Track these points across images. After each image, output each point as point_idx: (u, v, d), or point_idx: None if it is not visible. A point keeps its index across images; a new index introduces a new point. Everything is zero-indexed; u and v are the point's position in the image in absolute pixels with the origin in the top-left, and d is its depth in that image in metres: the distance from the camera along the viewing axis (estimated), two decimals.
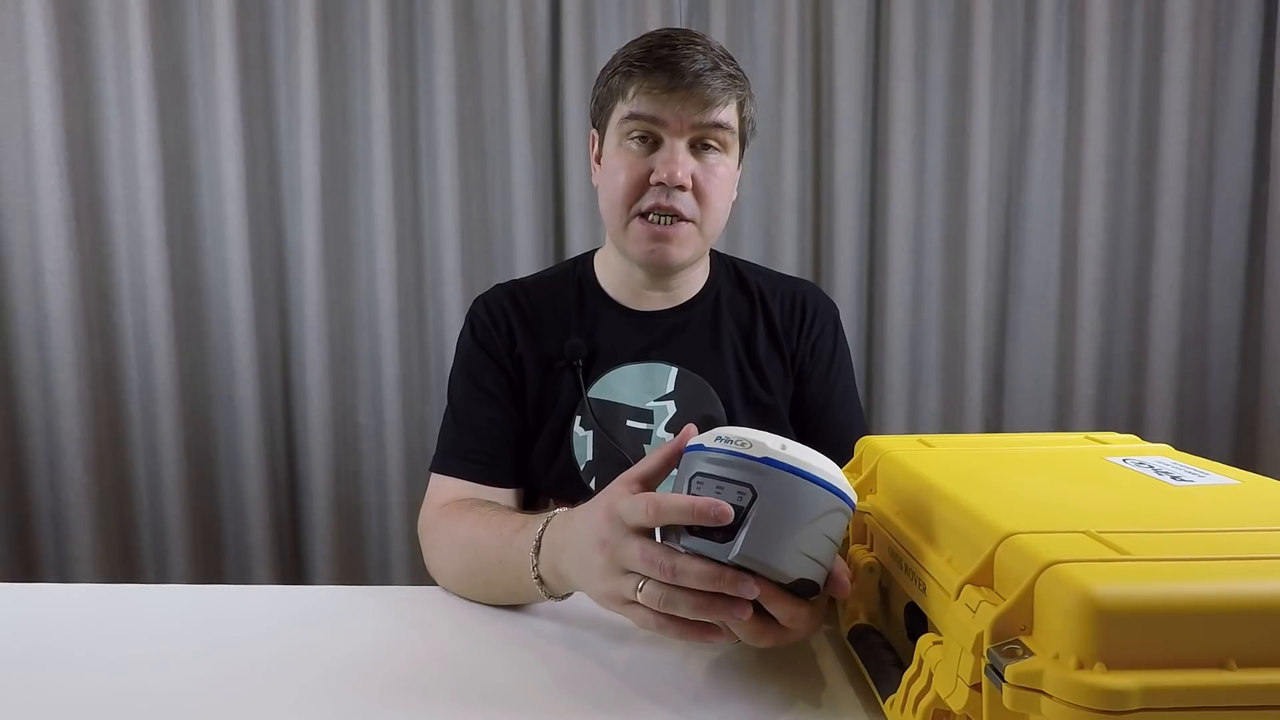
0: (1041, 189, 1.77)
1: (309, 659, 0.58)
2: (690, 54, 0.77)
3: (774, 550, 0.46)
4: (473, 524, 0.73)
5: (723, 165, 0.82)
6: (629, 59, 0.80)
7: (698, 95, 0.77)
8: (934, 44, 1.73)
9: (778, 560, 0.46)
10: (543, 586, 0.61)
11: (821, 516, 0.47)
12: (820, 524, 0.47)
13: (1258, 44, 1.71)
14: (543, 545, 0.60)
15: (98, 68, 1.58)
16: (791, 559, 0.46)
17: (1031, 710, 0.34)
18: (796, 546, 0.46)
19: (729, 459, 0.47)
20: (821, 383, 0.93)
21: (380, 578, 1.76)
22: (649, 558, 0.48)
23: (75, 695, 0.53)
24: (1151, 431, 1.74)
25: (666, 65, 0.77)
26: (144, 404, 1.65)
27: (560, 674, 0.56)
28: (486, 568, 0.67)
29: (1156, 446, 0.59)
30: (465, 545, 0.71)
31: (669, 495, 0.48)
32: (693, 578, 0.46)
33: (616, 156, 0.82)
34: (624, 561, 0.50)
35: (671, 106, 0.78)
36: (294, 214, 1.68)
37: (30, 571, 1.62)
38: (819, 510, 0.47)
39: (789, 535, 0.46)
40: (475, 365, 0.89)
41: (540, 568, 0.60)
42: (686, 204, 0.81)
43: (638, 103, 0.79)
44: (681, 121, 0.78)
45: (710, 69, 0.77)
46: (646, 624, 0.50)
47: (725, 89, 0.79)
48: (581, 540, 0.54)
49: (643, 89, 0.78)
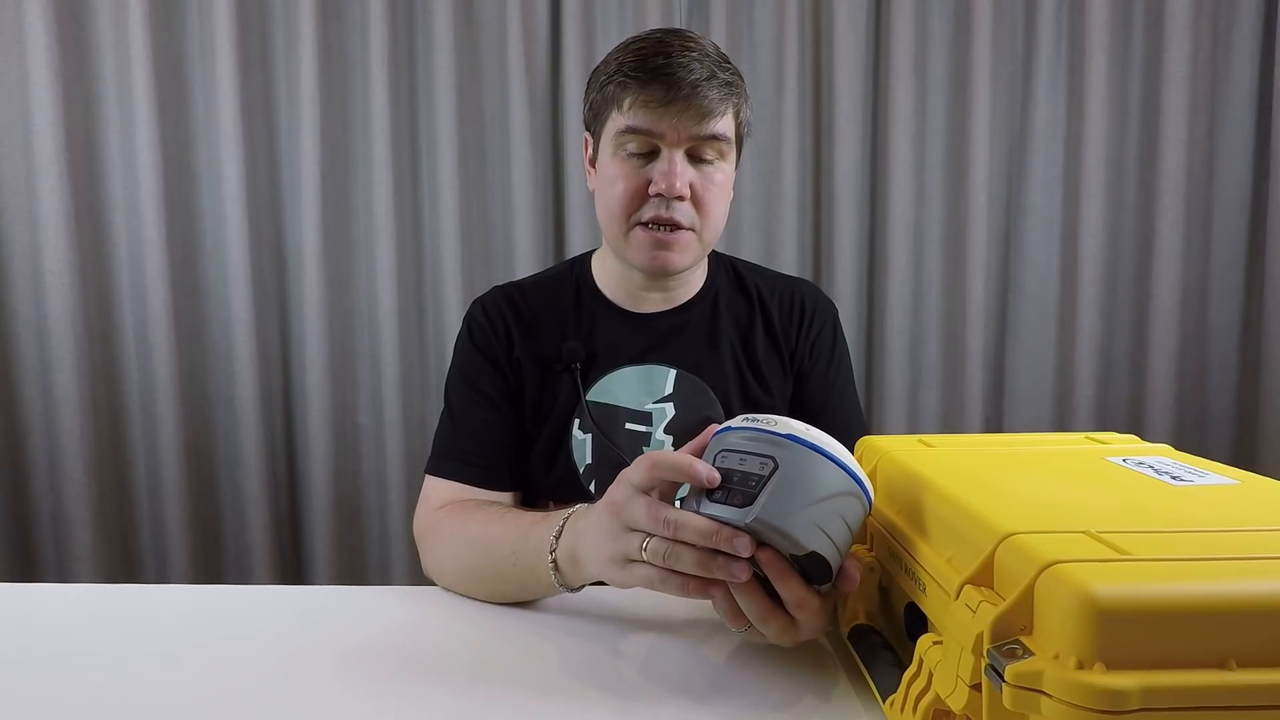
0: (1041, 189, 1.76)
1: (309, 659, 0.58)
2: (686, 63, 0.76)
3: (789, 517, 0.48)
4: (485, 520, 0.73)
5: (720, 172, 0.82)
6: (623, 67, 0.78)
7: (695, 107, 0.76)
8: (934, 44, 1.73)
9: (792, 525, 0.48)
10: (556, 574, 0.62)
11: (838, 496, 0.49)
12: (836, 503, 0.49)
13: (1258, 44, 1.71)
14: (564, 531, 0.62)
15: (98, 68, 1.58)
16: (806, 529, 0.48)
17: (1031, 710, 0.34)
18: (812, 518, 0.48)
19: (755, 434, 0.50)
20: (820, 382, 0.93)
21: (380, 578, 1.76)
22: (653, 514, 0.51)
23: (75, 695, 0.53)
24: (1151, 431, 1.74)
25: (662, 76, 0.76)
26: (144, 404, 1.65)
27: (560, 675, 0.56)
28: (498, 561, 0.68)
29: (1156, 446, 0.59)
30: (475, 540, 0.71)
31: (664, 452, 0.52)
32: (691, 532, 0.49)
33: (613, 166, 0.81)
34: (630, 520, 0.53)
35: (669, 119, 0.77)
36: (294, 214, 1.68)
37: (30, 571, 1.62)
38: (836, 489, 0.49)
39: (805, 506, 0.48)
40: (472, 368, 0.88)
41: (558, 553, 0.62)
42: (685, 213, 0.80)
43: (634, 115, 0.78)
44: (679, 133, 0.78)
45: (706, 78, 0.76)
46: (650, 581, 0.52)
47: (722, 98, 0.78)
48: (598, 514, 0.57)
49: (639, 101, 0.77)
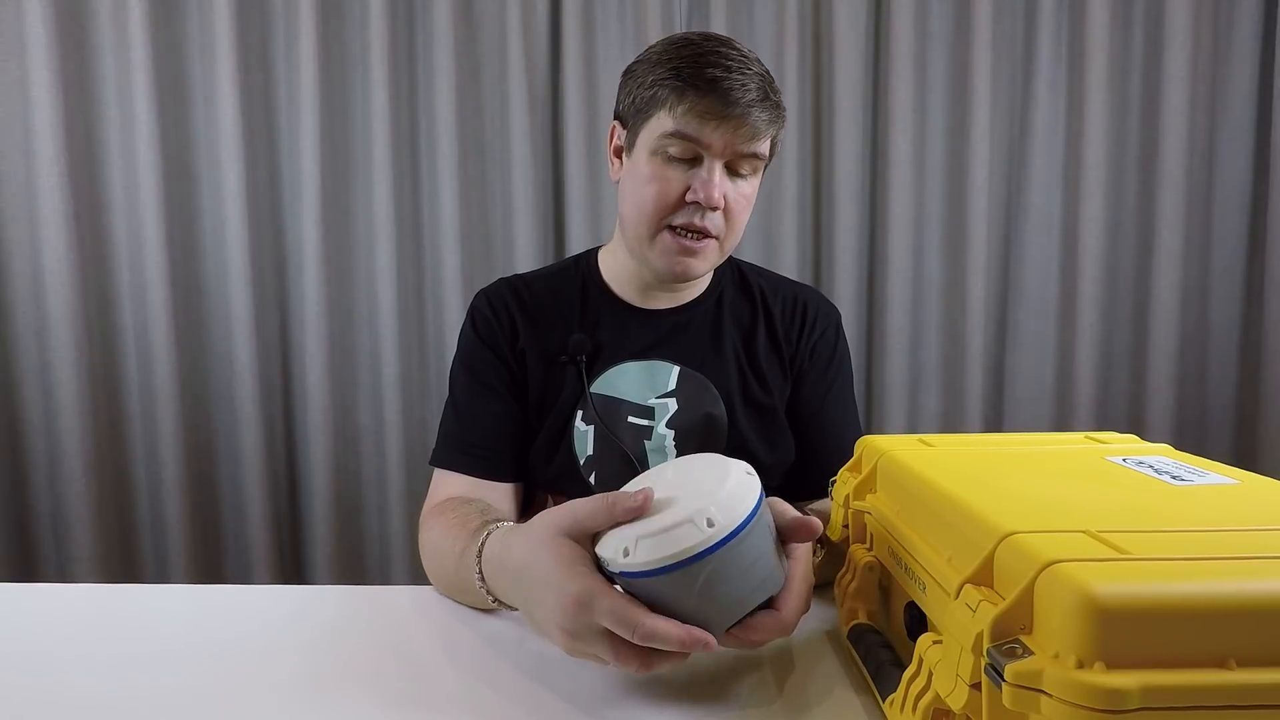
0: (1041, 189, 1.76)
1: (309, 659, 0.58)
2: (743, 81, 0.76)
3: (720, 623, 0.48)
4: (440, 535, 0.73)
5: (750, 186, 0.83)
6: (680, 72, 0.77)
7: (746, 126, 0.77)
8: (934, 44, 1.73)
9: (744, 609, 0.49)
10: (504, 606, 0.61)
11: (711, 576, 0.46)
12: (747, 550, 0.48)
13: (1258, 44, 1.71)
14: (484, 572, 0.60)
15: (98, 68, 1.58)
16: (737, 613, 0.49)
17: (1031, 709, 0.34)
18: (733, 604, 0.48)
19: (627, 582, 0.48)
20: (817, 383, 0.93)
21: (380, 578, 1.76)
22: (622, 657, 0.48)
23: (75, 695, 0.53)
24: (1151, 431, 1.74)
25: (719, 89, 0.76)
26: (144, 404, 1.65)
27: (561, 674, 0.56)
28: (453, 581, 0.68)
29: (1156, 446, 0.59)
30: (434, 555, 0.72)
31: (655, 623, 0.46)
32: (667, 642, 0.47)
33: (650, 166, 0.81)
34: (592, 651, 0.49)
35: (719, 132, 0.77)
36: (294, 214, 1.68)
37: (30, 571, 1.62)
38: (753, 552, 0.48)
39: (717, 605, 0.48)
40: (477, 359, 0.89)
41: (494, 592, 0.60)
42: (715, 223, 0.81)
43: (685, 122, 0.77)
44: (725, 147, 0.78)
45: (760, 100, 0.77)
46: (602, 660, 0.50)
47: (770, 121, 0.79)
48: (538, 607, 0.52)
49: (693, 110, 0.77)
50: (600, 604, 0.47)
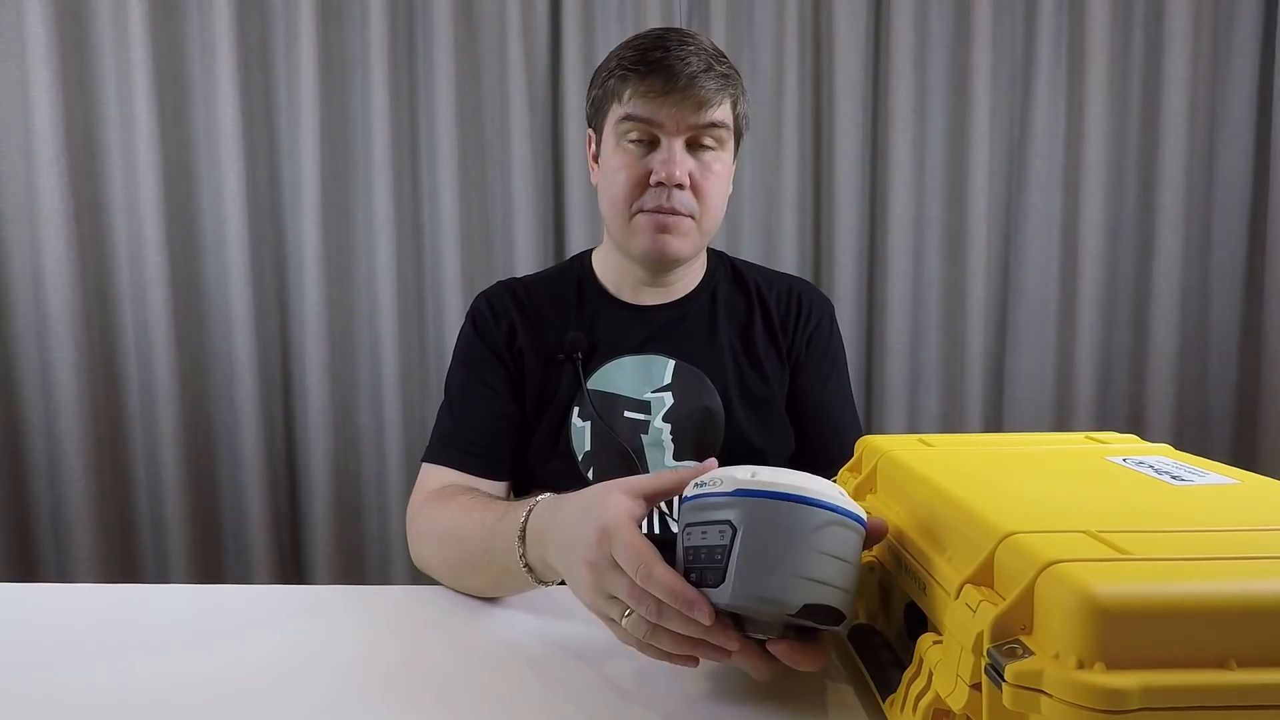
0: (1041, 190, 1.76)
1: (309, 658, 0.58)
2: (683, 55, 0.79)
3: (768, 582, 0.44)
4: (455, 514, 0.73)
5: (719, 162, 0.84)
6: (623, 61, 0.82)
7: (693, 97, 0.79)
8: (934, 44, 1.73)
9: (774, 591, 0.44)
10: (532, 574, 0.61)
11: (813, 533, 0.45)
12: (814, 541, 0.45)
13: (1258, 44, 1.71)
14: (528, 534, 0.60)
15: (98, 68, 1.58)
16: (791, 586, 0.44)
17: (1031, 710, 0.34)
18: (793, 572, 0.44)
19: (704, 501, 0.47)
20: (815, 374, 0.94)
21: (380, 577, 1.76)
22: (636, 596, 0.47)
23: (75, 695, 0.53)
24: (1151, 431, 1.74)
25: (660, 68, 0.79)
26: (144, 404, 1.65)
27: (561, 673, 0.56)
28: (472, 558, 0.67)
29: (1156, 446, 0.59)
30: (448, 536, 0.72)
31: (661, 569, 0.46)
32: (677, 624, 0.46)
33: (615, 157, 0.84)
34: (610, 589, 0.50)
35: (667, 109, 0.80)
36: (294, 214, 1.68)
37: (30, 571, 1.62)
38: (806, 528, 0.45)
39: (780, 562, 0.44)
40: (475, 358, 0.90)
41: (528, 556, 0.61)
42: (685, 202, 0.83)
43: (633, 105, 0.81)
44: (678, 123, 0.80)
45: (704, 70, 0.79)
46: (626, 642, 0.51)
47: (719, 89, 0.81)
48: (570, 543, 0.53)
49: (638, 92, 0.80)
50: (620, 536, 0.48)
